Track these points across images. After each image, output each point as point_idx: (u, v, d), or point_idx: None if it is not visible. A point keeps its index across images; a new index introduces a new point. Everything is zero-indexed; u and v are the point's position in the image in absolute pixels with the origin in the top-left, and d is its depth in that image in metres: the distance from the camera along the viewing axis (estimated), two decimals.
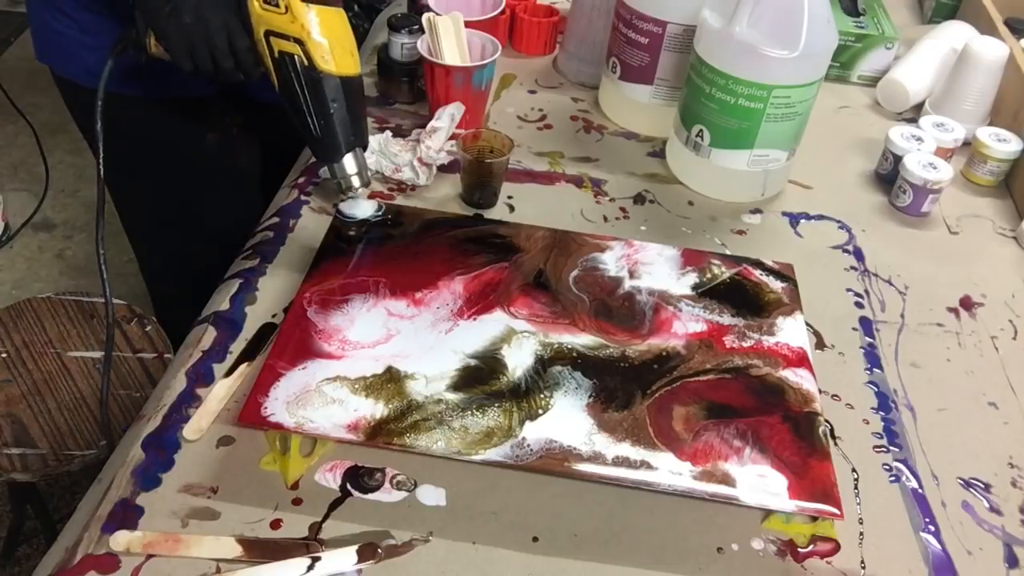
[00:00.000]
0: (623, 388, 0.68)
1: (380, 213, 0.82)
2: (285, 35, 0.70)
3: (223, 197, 1.03)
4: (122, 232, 1.15)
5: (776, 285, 0.80)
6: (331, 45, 0.71)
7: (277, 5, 0.70)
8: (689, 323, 0.75)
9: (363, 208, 0.81)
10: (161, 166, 1.02)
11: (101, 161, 0.76)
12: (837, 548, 0.62)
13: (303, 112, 0.73)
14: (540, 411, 0.65)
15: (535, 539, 0.60)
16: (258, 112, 1.04)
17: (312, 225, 0.85)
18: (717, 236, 0.90)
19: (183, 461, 0.63)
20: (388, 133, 0.92)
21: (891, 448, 0.70)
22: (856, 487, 0.66)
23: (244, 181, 1.09)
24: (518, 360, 0.69)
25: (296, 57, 0.71)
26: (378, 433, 0.63)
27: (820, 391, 0.71)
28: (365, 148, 0.78)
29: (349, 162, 0.76)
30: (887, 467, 0.68)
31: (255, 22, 0.71)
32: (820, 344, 0.78)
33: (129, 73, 0.92)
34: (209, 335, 0.73)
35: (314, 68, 0.71)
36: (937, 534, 0.64)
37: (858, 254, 0.90)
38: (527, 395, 0.67)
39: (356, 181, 0.77)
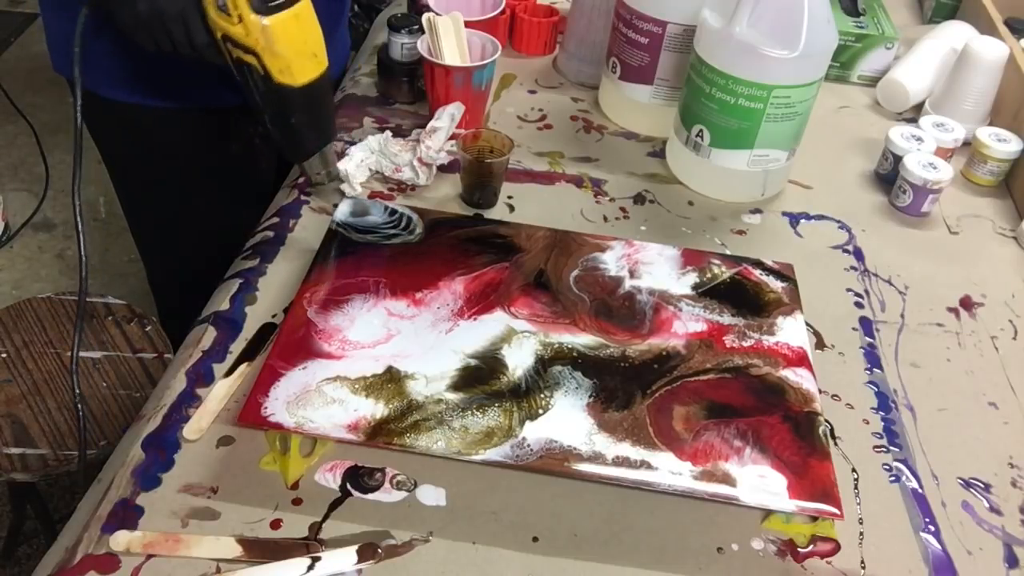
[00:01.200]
0: (623, 388, 0.68)
1: (393, 219, 0.81)
2: (241, 45, 0.67)
3: (241, 206, 1.02)
4: (123, 232, 1.15)
5: (776, 285, 0.80)
6: (290, 57, 0.67)
7: (229, 14, 0.66)
8: (689, 323, 0.75)
9: (372, 214, 0.81)
10: (181, 177, 1.01)
11: (78, 107, 0.72)
12: (837, 548, 0.62)
13: (263, 119, 0.71)
14: (540, 411, 0.65)
15: (535, 539, 0.60)
16: None
17: (312, 225, 0.85)
18: (717, 236, 0.90)
19: (183, 461, 0.63)
20: (388, 133, 0.92)
21: (891, 448, 0.70)
22: (856, 487, 0.66)
23: (263, 189, 1.09)
24: (518, 360, 0.69)
25: (253, 67, 0.67)
26: (378, 433, 0.63)
27: (820, 391, 0.71)
28: (330, 142, 0.77)
29: (313, 162, 0.76)
30: (887, 467, 0.68)
31: (211, 25, 0.68)
32: (820, 344, 0.78)
33: (157, 84, 0.91)
34: (209, 335, 0.73)
35: (271, 80, 0.68)
36: (937, 534, 0.64)
37: (858, 254, 0.90)
38: (527, 395, 0.67)
39: (321, 179, 0.78)
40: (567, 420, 0.65)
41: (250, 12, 0.65)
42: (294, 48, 0.68)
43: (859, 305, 0.83)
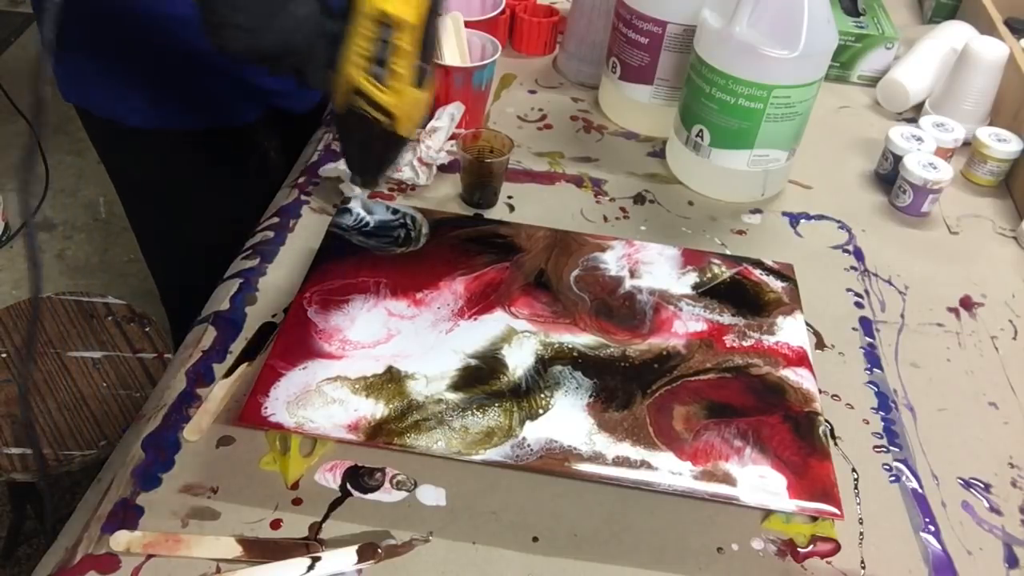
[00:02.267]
0: (623, 388, 0.68)
1: (396, 218, 0.81)
2: (381, 107, 0.62)
3: (251, 215, 1.02)
4: (124, 232, 1.15)
5: (776, 285, 0.80)
6: (417, 117, 0.64)
7: (385, 85, 0.60)
8: (689, 322, 0.75)
9: (376, 212, 0.81)
10: (194, 192, 1.01)
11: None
12: (837, 548, 0.62)
13: (351, 147, 0.68)
14: (540, 411, 0.65)
15: (535, 539, 0.60)
16: (292, 127, 1.02)
17: (312, 225, 0.85)
18: (717, 236, 0.90)
19: (183, 461, 0.63)
20: None
21: (891, 448, 0.70)
22: (856, 487, 0.66)
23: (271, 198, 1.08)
24: (518, 360, 0.69)
25: (376, 121, 0.62)
26: (378, 433, 0.63)
27: (820, 391, 0.71)
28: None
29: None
30: (887, 467, 0.68)
31: (344, 80, 0.62)
32: (820, 344, 0.78)
33: (175, 107, 0.91)
34: (209, 335, 0.73)
35: (394, 134, 0.64)
36: (937, 534, 0.64)
37: (858, 254, 0.90)
38: (527, 395, 0.67)
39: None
40: (567, 420, 0.65)
41: (411, 88, 0.61)
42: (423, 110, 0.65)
43: (859, 305, 0.83)
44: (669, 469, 0.62)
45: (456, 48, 0.96)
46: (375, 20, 0.59)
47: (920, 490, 0.67)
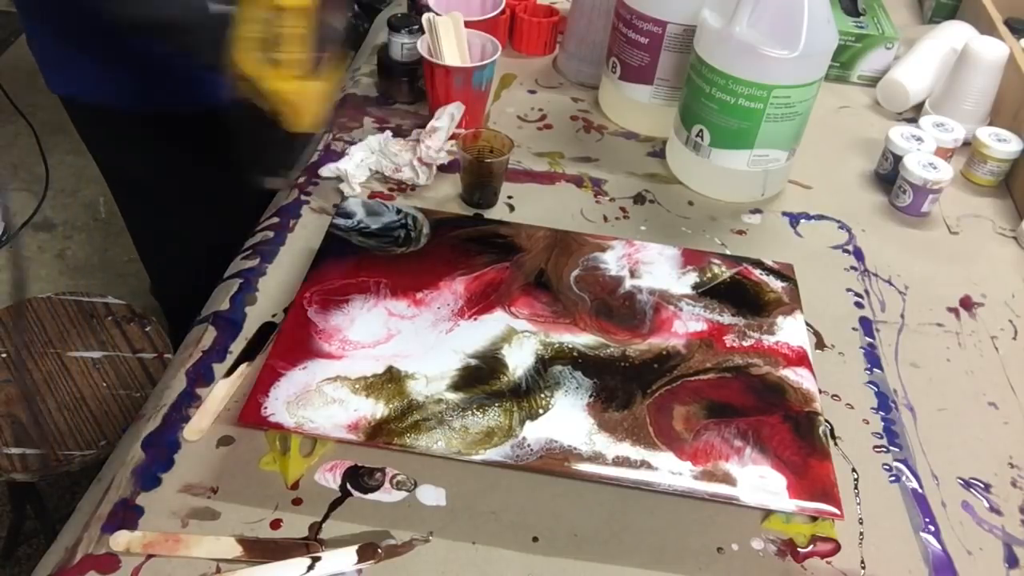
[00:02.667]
0: (623, 387, 0.68)
1: (398, 218, 0.81)
2: (266, 92, 0.63)
3: (243, 213, 1.01)
4: (123, 232, 1.15)
5: (776, 285, 0.80)
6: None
7: (275, 72, 0.61)
8: (689, 322, 0.75)
9: (379, 216, 0.81)
10: (181, 185, 1.00)
11: None
12: (837, 548, 0.62)
13: (247, 141, 0.68)
14: (540, 411, 0.65)
15: (535, 539, 0.60)
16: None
17: (312, 225, 0.85)
18: (717, 236, 0.90)
19: (183, 461, 0.63)
20: (388, 133, 0.92)
21: (891, 448, 0.70)
22: (856, 487, 0.66)
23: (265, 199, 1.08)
24: (519, 360, 0.69)
25: (273, 113, 0.63)
26: (378, 433, 0.63)
27: (820, 391, 0.71)
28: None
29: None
30: (887, 467, 0.68)
31: (233, 65, 0.63)
32: (820, 344, 0.78)
33: (155, 86, 0.90)
34: (209, 335, 0.73)
35: (291, 126, 0.64)
36: (937, 534, 0.64)
37: (858, 254, 0.90)
38: (527, 395, 0.67)
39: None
40: (567, 420, 0.65)
41: (305, 79, 0.62)
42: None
43: (859, 305, 0.83)
44: (669, 469, 0.62)
45: (456, 48, 0.96)
46: (265, 5, 0.58)
47: (920, 490, 0.67)
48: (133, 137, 0.97)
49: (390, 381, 0.67)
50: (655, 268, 0.80)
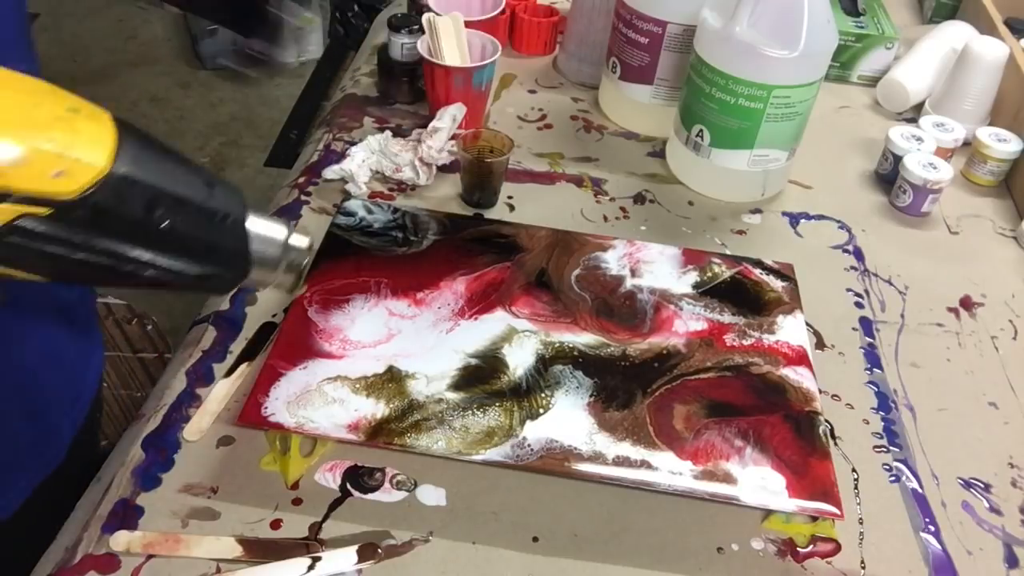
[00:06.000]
0: (624, 387, 0.68)
1: (395, 217, 0.81)
2: None
3: None
4: None
5: (776, 284, 0.80)
6: None
7: None
8: (690, 321, 0.75)
9: (378, 216, 0.81)
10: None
11: None
12: (837, 548, 0.62)
13: None
14: (541, 410, 0.65)
15: (535, 539, 0.60)
16: None
17: (312, 225, 0.85)
18: (717, 236, 0.90)
19: (183, 461, 0.63)
20: (388, 133, 0.92)
21: (891, 448, 0.70)
22: (856, 487, 0.66)
23: None
24: (519, 359, 0.69)
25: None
26: (379, 433, 0.63)
27: (820, 391, 0.71)
28: None
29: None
30: (887, 467, 0.68)
31: None
32: (820, 344, 0.78)
33: None
34: (209, 335, 0.73)
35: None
36: (937, 534, 0.64)
37: (858, 254, 0.90)
38: (528, 394, 0.67)
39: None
40: (568, 419, 0.65)
41: None
42: None
43: (859, 305, 0.83)
44: (669, 469, 0.62)
45: (456, 48, 0.96)
46: None
47: (920, 490, 0.67)
48: None
49: (390, 381, 0.67)
50: (656, 267, 0.80)
